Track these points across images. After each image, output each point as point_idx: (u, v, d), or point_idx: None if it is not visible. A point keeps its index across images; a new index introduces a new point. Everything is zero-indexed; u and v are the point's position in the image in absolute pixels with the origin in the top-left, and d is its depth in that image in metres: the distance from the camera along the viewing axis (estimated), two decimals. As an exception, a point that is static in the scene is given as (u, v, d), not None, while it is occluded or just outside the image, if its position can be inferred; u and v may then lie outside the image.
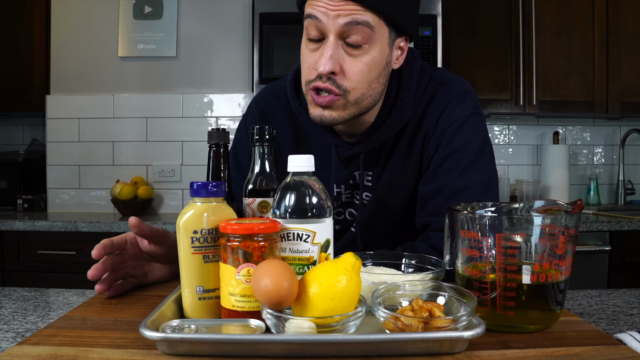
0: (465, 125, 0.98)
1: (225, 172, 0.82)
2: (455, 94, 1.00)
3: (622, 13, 2.58)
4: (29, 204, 2.67)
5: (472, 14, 2.58)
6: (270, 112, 1.09)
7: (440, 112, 0.99)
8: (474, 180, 0.95)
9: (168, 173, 2.71)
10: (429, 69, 1.04)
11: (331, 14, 0.86)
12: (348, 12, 0.86)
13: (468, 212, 0.69)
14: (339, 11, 0.86)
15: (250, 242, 0.64)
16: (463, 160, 0.96)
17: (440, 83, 1.01)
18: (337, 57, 0.88)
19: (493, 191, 0.97)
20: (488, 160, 0.99)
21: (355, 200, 1.07)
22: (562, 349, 0.59)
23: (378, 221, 1.05)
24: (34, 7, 2.62)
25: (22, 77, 2.63)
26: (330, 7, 0.86)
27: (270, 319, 0.60)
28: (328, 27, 0.87)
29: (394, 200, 1.04)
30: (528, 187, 2.69)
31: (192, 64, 2.73)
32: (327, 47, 0.88)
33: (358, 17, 0.86)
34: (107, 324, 0.69)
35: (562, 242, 0.64)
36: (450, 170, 0.96)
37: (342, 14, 0.86)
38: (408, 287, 0.68)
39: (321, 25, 0.87)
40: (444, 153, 0.97)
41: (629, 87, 2.60)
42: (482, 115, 1.02)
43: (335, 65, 0.88)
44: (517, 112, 2.59)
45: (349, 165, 1.04)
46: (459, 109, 0.98)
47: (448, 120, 0.98)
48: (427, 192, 0.98)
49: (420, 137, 1.00)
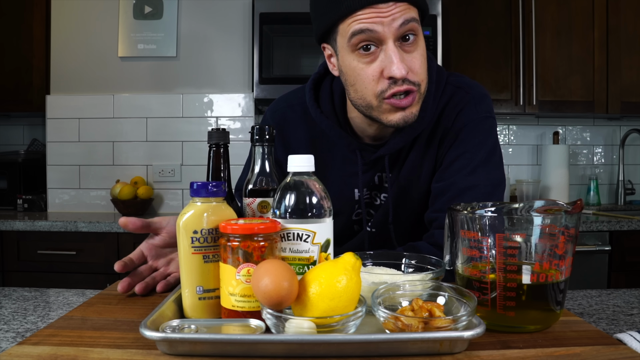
0: (479, 127, 1.00)
1: (225, 172, 0.82)
2: (471, 97, 1.02)
3: (622, 13, 2.58)
4: (29, 204, 2.67)
5: (472, 14, 2.58)
6: (286, 123, 1.10)
7: (457, 113, 1.01)
8: (483, 180, 0.97)
9: (168, 173, 2.71)
10: (444, 72, 1.06)
11: (386, 21, 0.87)
12: (400, 14, 0.87)
13: (468, 212, 0.69)
14: (392, 15, 0.87)
15: (250, 242, 0.64)
16: (474, 159, 0.98)
17: (457, 87, 1.04)
18: (403, 58, 0.89)
19: (500, 193, 1.00)
20: (498, 163, 1.02)
21: (375, 201, 1.09)
22: (562, 349, 0.59)
23: (392, 219, 1.07)
24: (34, 7, 2.62)
25: (22, 77, 2.63)
26: (382, 14, 0.86)
27: (270, 319, 0.60)
28: (385, 34, 0.87)
29: (410, 199, 1.06)
30: (528, 187, 2.69)
31: (192, 64, 2.73)
32: (390, 52, 0.88)
33: (408, 15, 0.88)
34: (107, 324, 0.69)
35: (562, 242, 0.64)
36: (461, 168, 0.98)
37: (395, 17, 0.87)
38: (408, 287, 0.68)
39: (376, 35, 0.88)
40: (456, 152, 1.00)
41: (629, 87, 2.60)
42: (495, 120, 1.04)
43: (405, 66, 0.89)
44: (517, 112, 2.59)
45: (373, 168, 1.06)
46: (474, 111, 1.01)
47: (463, 121, 1.01)
48: (437, 189, 1.00)
49: (437, 137, 1.03)
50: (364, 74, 0.92)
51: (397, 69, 0.88)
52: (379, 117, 0.96)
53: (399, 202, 1.06)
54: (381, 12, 0.86)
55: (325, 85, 1.07)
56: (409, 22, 0.88)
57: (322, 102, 1.06)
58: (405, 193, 1.05)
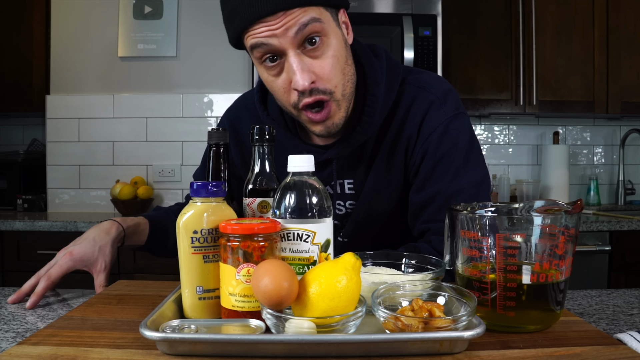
0: (450, 127, 0.96)
1: (225, 172, 0.82)
2: (435, 97, 0.97)
3: (622, 13, 2.58)
4: (29, 204, 2.67)
5: (472, 14, 2.58)
6: (240, 121, 1.11)
7: (422, 117, 0.97)
8: (466, 182, 0.95)
9: (168, 173, 2.71)
10: (400, 69, 1.01)
11: (278, 32, 0.82)
12: (293, 21, 0.82)
13: (468, 212, 0.69)
14: (284, 25, 0.82)
15: (250, 242, 0.64)
16: (453, 164, 0.95)
17: (418, 87, 0.99)
18: (306, 67, 0.85)
19: (485, 190, 0.97)
20: (477, 159, 0.98)
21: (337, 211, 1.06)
22: (562, 349, 0.59)
23: (363, 229, 1.04)
24: (34, 7, 2.62)
25: (22, 77, 2.63)
26: (273, 27, 0.82)
27: (270, 319, 0.60)
28: (282, 45, 0.84)
29: (380, 208, 1.02)
30: (528, 187, 2.69)
31: (192, 64, 2.73)
32: (291, 63, 0.85)
33: (303, 19, 0.82)
34: (107, 324, 0.69)
35: (562, 242, 0.64)
36: (442, 176, 0.95)
37: (288, 25, 0.82)
38: (408, 287, 0.68)
39: (274, 48, 0.84)
40: (433, 159, 0.96)
41: (629, 87, 2.60)
42: (465, 114, 1.00)
43: (310, 75, 0.85)
44: (517, 112, 2.59)
45: (323, 170, 1.02)
46: (440, 112, 0.96)
47: (432, 126, 0.96)
48: (421, 200, 0.97)
49: (403, 143, 0.99)
50: (275, 85, 0.90)
51: (299, 80, 0.84)
52: (305, 125, 0.94)
53: (367, 209, 1.02)
54: (271, 25, 0.82)
55: None
56: (307, 25, 0.82)
57: (270, 104, 1.04)
58: (373, 200, 1.01)
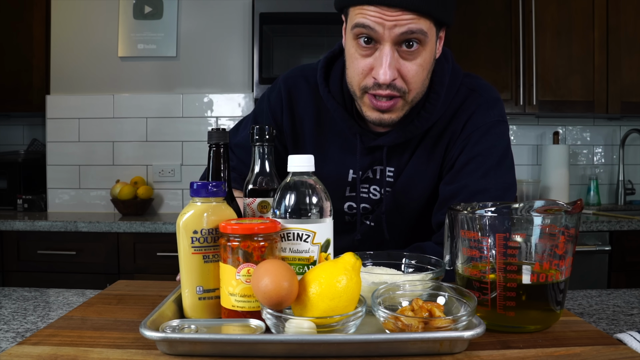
0: (491, 131, 1.00)
1: (225, 172, 0.82)
2: (484, 101, 1.02)
3: (622, 13, 2.58)
4: (29, 204, 2.67)
5: (472, 14, 2.58)
6: (297, 90, 1.10)
7: (468, 116, 1.01)
8: (494, 183, 0.97)
9: (168, 173, 2.71)
10: (461, 73, 1.06)
11: (387, 24, 0.86)
12: (405, 22, 0.86)
13: (468, 212, 0.69)
14: (395, 22, 0.85)
15: (250, 242, 0.64)
16: (485, 163, 0.98)
17: (471, 89, 1.04)
18: (394, 64, 0.89)
19: (510, 197, 0.99)
20: (509, 167, 1.02)
21: (372, 195, 1.08)
22: (562, 349, 0.59)
23: (394, 216, 1.06)
24: (34, 7, 2.61)
25: (22, 77, 2.63)
26: (386, 18, 0.85)
27: (270, 319, 0.60)
28: (384, 36, 0.87)
29: (412, 197, 1.05)
30: (528, 187, 2.69)
31: (192, 64, 2.73)
32: (384, 55, 0.88)
33: (413, 26, 0.86)
34: (107, 324, 0.69)
35: (562, 242, 0.64)
36: (472, 172, 0.98)
37: (398, 24, 0.85)
38: (408, 287, 0.68)
39: (375, 34, 0.87)
40: (468, 155, 0.99)
41: (629, 87, 2.60)
42: (507, 124, 1.04)
43: (394, 72, 0.89)
44: (517, 112, 2.59)
45: (372, 154, 1.05)
46: (486, 115, 1.01)
47: (475, 125, 1.00)
48: (447, 192, 1.00)
49: (446, 138, 1.02)
50: (356, 63, 0.92)
51: (382, 73, 0.88)
52: (360, 106, 0.97)
53: (399, 197, 1.05)
54: (385, 15, 0.85)
55: (337, 65, 1.07)
56: (414, 33, 0.86)
57: (332, 82, 1.05)
58: (405, 190, 1.04)
